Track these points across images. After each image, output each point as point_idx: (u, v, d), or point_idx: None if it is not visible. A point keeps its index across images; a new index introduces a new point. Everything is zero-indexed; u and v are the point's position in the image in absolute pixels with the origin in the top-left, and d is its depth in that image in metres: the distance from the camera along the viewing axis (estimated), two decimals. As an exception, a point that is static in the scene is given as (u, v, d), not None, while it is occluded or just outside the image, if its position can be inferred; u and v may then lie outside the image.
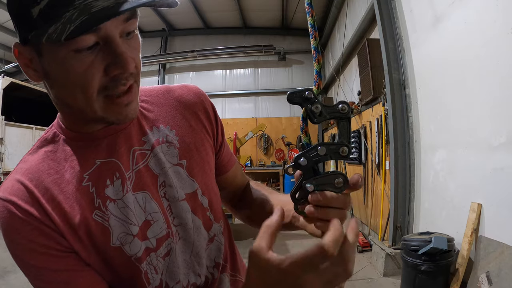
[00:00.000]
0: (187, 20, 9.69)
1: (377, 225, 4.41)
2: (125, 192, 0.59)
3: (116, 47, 0.50)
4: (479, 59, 2.44)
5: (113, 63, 0.50)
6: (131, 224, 0.58)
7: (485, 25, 2.35)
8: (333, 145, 0.51)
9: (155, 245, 0.61)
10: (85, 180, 0.57)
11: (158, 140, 0.65)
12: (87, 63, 0.49)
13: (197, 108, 0.72)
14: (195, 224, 0.66)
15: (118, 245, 0.57)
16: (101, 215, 0.57)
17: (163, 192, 0.63)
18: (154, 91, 0.71)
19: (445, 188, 2.98)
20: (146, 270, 0.59)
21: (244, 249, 2.79)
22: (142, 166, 0.62)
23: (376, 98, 4.46)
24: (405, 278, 2.78)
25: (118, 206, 0.58)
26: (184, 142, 0.68)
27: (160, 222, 0.61)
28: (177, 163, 0.66)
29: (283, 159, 9.56)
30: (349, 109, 0.51)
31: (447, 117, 2.93)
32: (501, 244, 2.18)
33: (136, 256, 0.58)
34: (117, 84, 0.52)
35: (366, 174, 5.12)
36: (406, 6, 3.69)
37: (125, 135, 0.62)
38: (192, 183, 0.67)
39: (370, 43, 4.56)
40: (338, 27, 7.47)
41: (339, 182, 0.50)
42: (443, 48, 2.96)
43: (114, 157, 0.60)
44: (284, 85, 10.01)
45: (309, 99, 0.51)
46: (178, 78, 10.46)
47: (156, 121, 0.67)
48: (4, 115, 5.54)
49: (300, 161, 0.50)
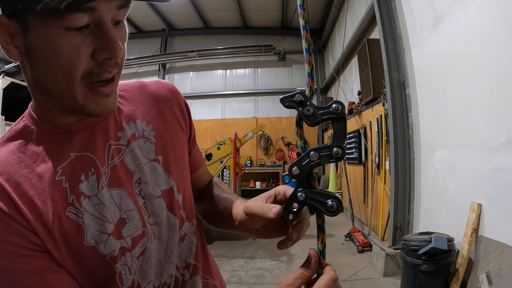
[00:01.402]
0: (187, 20, 9.69)
1: (377, 225, 4.41)
2: (100, 188, 0.56)
3: (108, 31, 0.49)
4: (479, 59, 2.44)
5: (103, 47, 0.49)
6: (106, 222, 0.56)
7: (485, 25, 2.35)
8: (326, 149, 0.50)
9: (131, 244, 0.58)
10: (58, 174, 0.54)
11: (134, 135, 0.63)
12: (75, 44, 0.47)
13: (172, 103, 0.71)
14: (169, 222, 0.64)
15: (93, 244, 0.54)
16: (75, 212, 0.53)
17: (139, 190, 0.61)
18: (129, 86, 0.69)
19: (445, 188, 2.98)
20: (120, 270, 0.57)
21: (244, 249, 2.80)
22: (117, 162, 0.60)
23: (376, 98, 4.46)
24: (405, 278, 2.78)
25: (93, 203, 0.55)
26: (160, 138, 0.66)
27: (135, 220, 0.59)
28: (154, 159, 0.64)
29: (283, 159, 9.56)
30: (343, 109, 0.50)
31: (447, 117, 2.93)
32: (501, 244, 2.18)
33: (112, 255, 0.55)
34: (102, 70, 0.50)
35: (366, 174, 5.12)
36: (406, 6, 3.69)
37: (101, 129, 0.60)
38: (168, 180, 0.65)
39: (370, 43, 4.57)
40: (338, 27, 7.47)
41: (332, 206, 0.49)
42: (443, 48, 2.96)
43: (90, 151, 0.57)
44: (284, 85, 10.02)
45: (301, 102, 0.51)
46: (178, 78, 10.47)
47: (132, 116, 0.65)
48: (4, 115, 5.54)
49: (292, 170, 0.51)
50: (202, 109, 10.18)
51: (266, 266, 3.84)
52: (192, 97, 10.25)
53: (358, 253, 4.21)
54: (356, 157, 5.44)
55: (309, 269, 0.50)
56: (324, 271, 0.50)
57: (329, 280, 0.49)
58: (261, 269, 3.76)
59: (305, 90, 0.52)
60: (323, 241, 0.52)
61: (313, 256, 0.51)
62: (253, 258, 4.15)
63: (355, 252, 4.27)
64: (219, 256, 4.24)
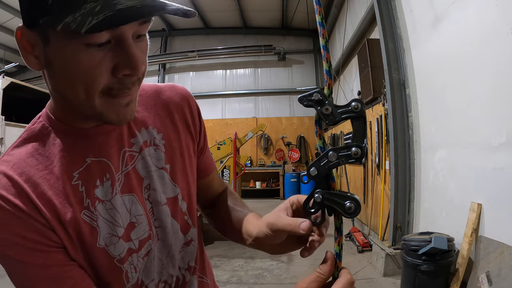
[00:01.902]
0: (187, 20, 9.69)
1: (377, 225, 4.41)
2: (114, 194, 0.59)
3: (129, 48, 0.49)
4: (479, 59, 2.44)
5: (123, 64, 0.49)
6: (117, 226, 0.58)
7: (485, 25, 2.35)
8: (345, 149, 0.49)
9: (138, 246, 0.61)
10: (75, 178, 0.56)
11: (146, 142, 0.65)
12: (96, 60, 0.48)
13: (184, 110, 0.72)
14: (173, 228, 0.67)
15: (103, 246, 0.57)
16: (89, 215, 0.56)
17: (147, 195, 0.63)
18: (144, 90, 0.69)
19: (445, 188, 2.98)
20: (127, 270, 0.60)
21: (244, 248, 2.79)
22: (130, 168, 0.62)
23: (376, 98, 4.46)
24: (405, 278, 2.78)
25: (106, 208, 0.58)
26: (170, 146, 0.67)
27: (143, 224, 0.62)
28: (162, 167, 0.66)
29: (283, 159, 9.57)
30: (363, 107, 0.49)
31: (447, 117, 2.93)
32: (501, 244, 2.18)
33: (120, 257, 0.59)
34: (122, 87, 0.51)
35: (366, 174, 5.12)
36: (406, 6, 3.69)
37: (116, 136, 0.61)
38: (174, 188, 0.67)
39: (370, 43, 4.57)
40: (338, 27, 7.47)
41: (350, 208, 0.48)
42: (443, 48, 2.96)
43: (105, 157, 0.59)
44: (284, 85, 10.02)
45: (319, 101, 0.50)
46: (178, 78, 10.47)
47: (145, 122, 0.66)
48: (4, 115, 5.53)
49: (310, 171, 0.50)
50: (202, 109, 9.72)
51: (266, 266, 3.84)
52: (192, 97, 10.26)
53: (358, 253, 4.21)
54: (356, 157, 5.43)
55: (325, 272, 0.50)
56: (340, 274, 0.50)
57: (346, 284, 0.49)
58: (261, 269, 3.76)
59: (323, 89, 0.51)
60: (340, 243, 0.51)
61: (329, 258, 0.51)
62: (253, 258, 4.15)
63: (355, 252, 4.27)
64: (219, 256, 4.24)
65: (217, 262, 4.03)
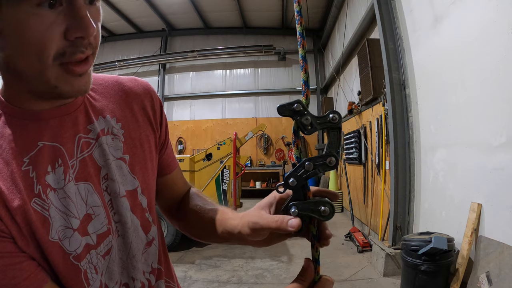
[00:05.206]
0: (187, 20, 9.70)
1: (377, 225, 4.41)
2: (67, 181, 0.55)
3: (80, 9, 0.48)
4: (479, 59, 2.44)
5: (75, 26, 0.48)
6: (71, 216, 0.54)
7: (485, 25, 2.35)
8: (320, 158, 0.51)
9: (96, 241, 0.56)
10: (25, 164, 0.52)
11: (103, 130, 0.62)
12: (47, 23, 0.46)
13: (145, 103, 0.70)
14: (133, 224, 0.63)
15: (56, 239, 0.52)
16: (41, 203, 0.52)
17: (105, 186, 0.60)
18: (104, 80, 0.68)
19: (445, 188, 2.98)
20: (85, 269, 0.55)
21: (244, 248, 2.80)
22: (87, 155, 0.58)
23: (376, 98, 4.46)
24: (405, 278, 2.78)
25: (59, 196, 0.54)
26: (129, 137, 0.65)
27: (101, 217, 0.58)
28: (120, 157, 0.63)
29: (283, 159, 9.57)
30: (340, 119, 0.51)
31: (447, 117, 2.93)
32: (501, 244, 2.18)
33: (76, 253, 0.54)
34: (75, 51, 0.49)
35: (366, 174, 5.12)
36: (406, 6, 3.69)
37: (72, 120, 0.58)
38: (133, 180, 0.64)
39: (370, 43, 4.57)
40: (338, 27, 7.47)
41: (325, 211, 0.50)
42: (443, 48, 2.96)
43: (58, 142, 0.56)
44: (284, 85, 10.02)
45: (298, 111, 0.51)
46: (178, 78, 10.47)
47: (103, 111, 0.64)
48: None
49: (289, 182, 0.51)
50: (202, 109, 10.19)
51: (266, 266, 3.85)
52: (192, 97, 10.25)
53: (358, 253, 4.22)
54: (356, 157, 5.44)
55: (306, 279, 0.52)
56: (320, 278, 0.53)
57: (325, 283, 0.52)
58: (261, 269, 3.76)
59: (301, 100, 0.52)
60: (317, 249, 0.53)
61: (307, 266, 0.52)
62: (253, 258, 4.15)
63: (355, 252, 4.27)
64: (219, 256, 4.24)
65: (217, 262, 4.03)
